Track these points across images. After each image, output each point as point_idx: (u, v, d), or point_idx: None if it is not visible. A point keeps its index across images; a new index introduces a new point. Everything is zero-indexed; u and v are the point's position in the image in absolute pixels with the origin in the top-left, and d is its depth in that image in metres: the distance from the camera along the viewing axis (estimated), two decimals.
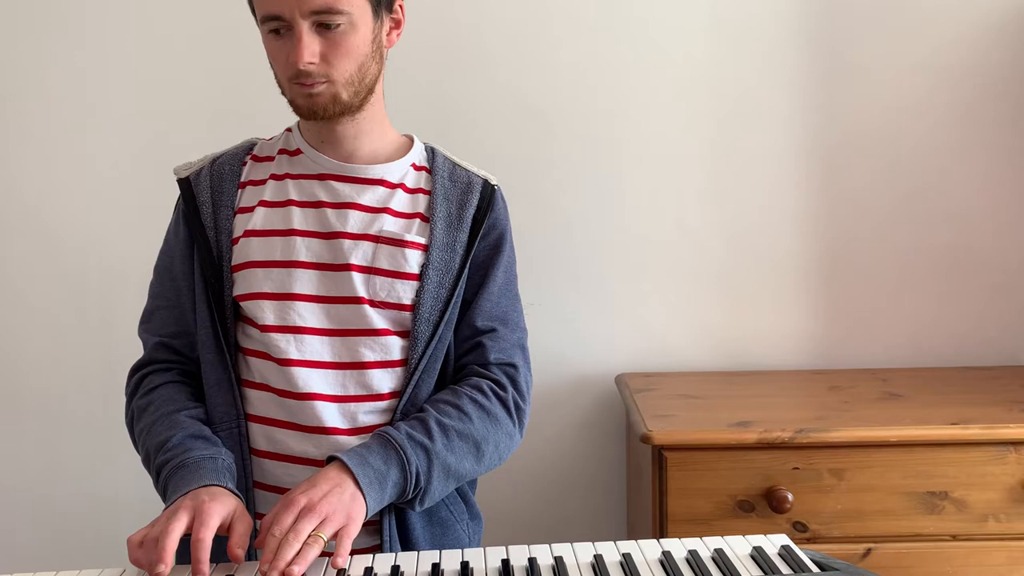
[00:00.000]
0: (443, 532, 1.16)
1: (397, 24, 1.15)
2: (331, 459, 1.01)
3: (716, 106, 1.88)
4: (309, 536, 0.92)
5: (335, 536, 0.95)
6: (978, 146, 1.88)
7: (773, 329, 1.92)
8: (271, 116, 1.36)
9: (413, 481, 1.03)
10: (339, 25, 1.05)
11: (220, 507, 0.95)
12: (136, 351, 1.22)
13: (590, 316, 1.91)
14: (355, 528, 0.96)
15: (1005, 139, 1.88)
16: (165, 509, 0.97)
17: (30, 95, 1.87)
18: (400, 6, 1.14)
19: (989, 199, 1.89)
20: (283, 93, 1.13)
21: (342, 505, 0.96)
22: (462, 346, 1.18)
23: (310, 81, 1.07)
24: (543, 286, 1.90)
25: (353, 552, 1.11)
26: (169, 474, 1.02)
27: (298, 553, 0.90)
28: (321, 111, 1.10)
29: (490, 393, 1.13)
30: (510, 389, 1.15)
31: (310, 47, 1.04)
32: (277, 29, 1.06)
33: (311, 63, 1.05)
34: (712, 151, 1.89)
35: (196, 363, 1.17)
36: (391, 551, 1.09)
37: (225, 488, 0.99)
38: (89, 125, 1.88)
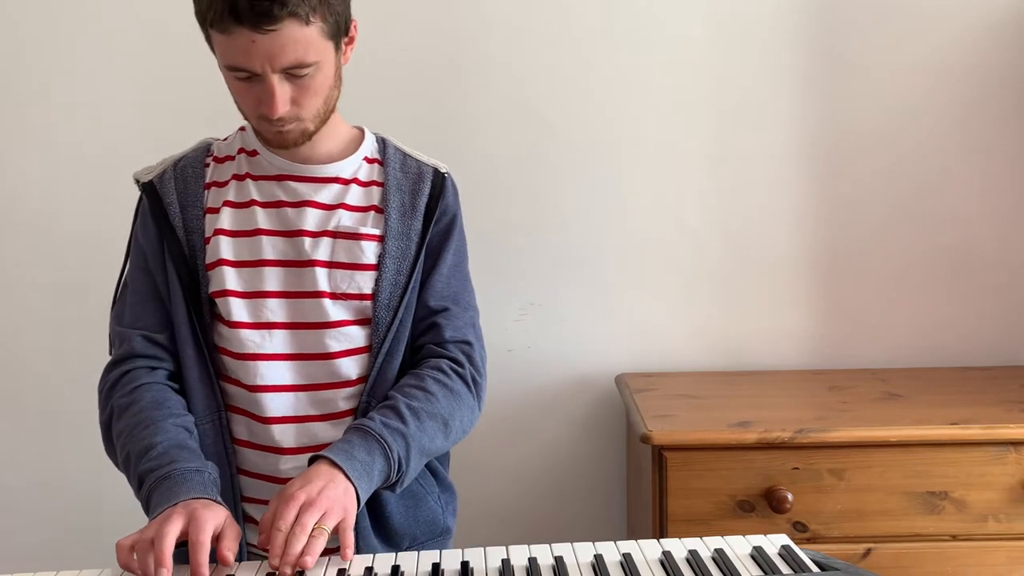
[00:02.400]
0: (415, 504, 1.20)
1: (351, 40, 1.16)
2: (316, 458, 1.03)
3: (716, 106, 1.88)
4: (313, 529, 0.94)
5: (336, 530, 0.97)
6: (978, 146, 1.88)
7: (773, 329, 1.92)
8: None
9: (396, 467, 1.06)
10: (307, 72, 1.06)
11: (213, 514, 0.96)
12: None
13: (590, 316, 1.91)
14: (352, 519, 0.99)
15: (1005, 139, 1.88)
16: (154, 518, 0.97)
17: (30, 94, 1.87)
18: (354, 25, 1.15)
19: (989, 199, 1.89)
20: (246, 119, 1.15)
21: (338, 499, 0.98)
22: (418, 326, 1.21)
23: (281, 123, 1.10)
24: (543, 286, 1.90)
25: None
26: (154, 484, 1.02)
27: (306, 545, 0.92)
28: (291, 144, 1.14)
29: (449, 371, 1.17)
30: (467, 365, 1.19)
31: (283, 97, 1.06)
32: (245, 77, 1.06)
33: (284, 111, 1.07)
34: (712, 151, 1.89)
35: (178, 358, 1.17)
36: (359, 527, 1.12)
37: (214, 501, 1.00)
38: (89, 124, 1.88)
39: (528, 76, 1.87)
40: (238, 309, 1.14)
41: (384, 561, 0.98)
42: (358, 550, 1.10)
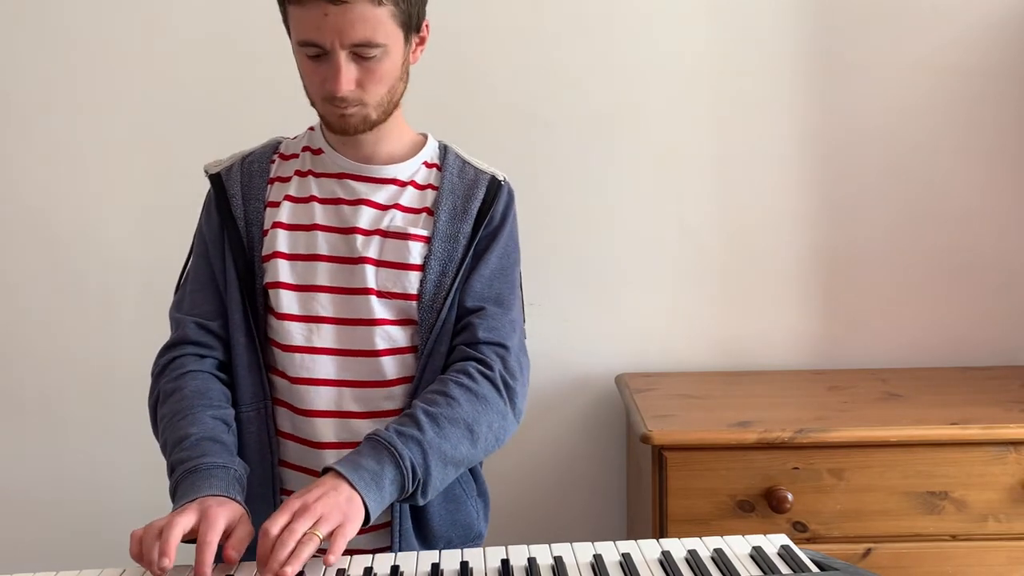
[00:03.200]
0: (456, 508, 1.20)
1: (422, 41, 1.19)
2: (325, 471, 1.02)
3: (716, 106, 1.88)
4: (304, 535, 0.92)
5: (331, 535, 0.95)
6: (978, 146, 1.88)
7: (773, 329, 1.92)
8: (273, 118, 1.37)
9: (410, 475, 1.03)
10: (375, 54, 1.09)
11: (226, 513, 0.96)
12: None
13: (590, 316, 1.91)
14: (351, 528, 0.96)
15: (1006, 139, 1.88)
16: (172, 511, 0.98)
17: (31, 95, 1.87)
18: (426, 25, 1.18)
19: (989, 199, 1.89)
20: (313, 105, 1.17)
21: (338, 505, 0.96)
22: (455, 327, 1.19)
23: (344, 105, 1.11)
24: (543, 286, 1.90)
25: (367, 530, 1.12)
26: (181, 476, 1.03)
27: (293, 552, 0.91)
28: (352, 130, 1.15)
29: (476, 374, 1.13)
30: (497, 367, 1.15)
31: (348, 75, 1.09)
32: (315, 54, 1.09)
33: (349, 90, 1.10)
34: (712, 151, 1.89)
35: (229, 346, 1.19)
36: (400, 528, 1.13)
37: (233, 499, 1.00)
38: (90, 126, 1.88)
39: (528, 76, 1.87)
40: (288, 301, 1.16)
41: (383, 561, 0.98)
42: (399, 550, 1.11)
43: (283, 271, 1.16)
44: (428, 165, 1.24)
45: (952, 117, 1.88)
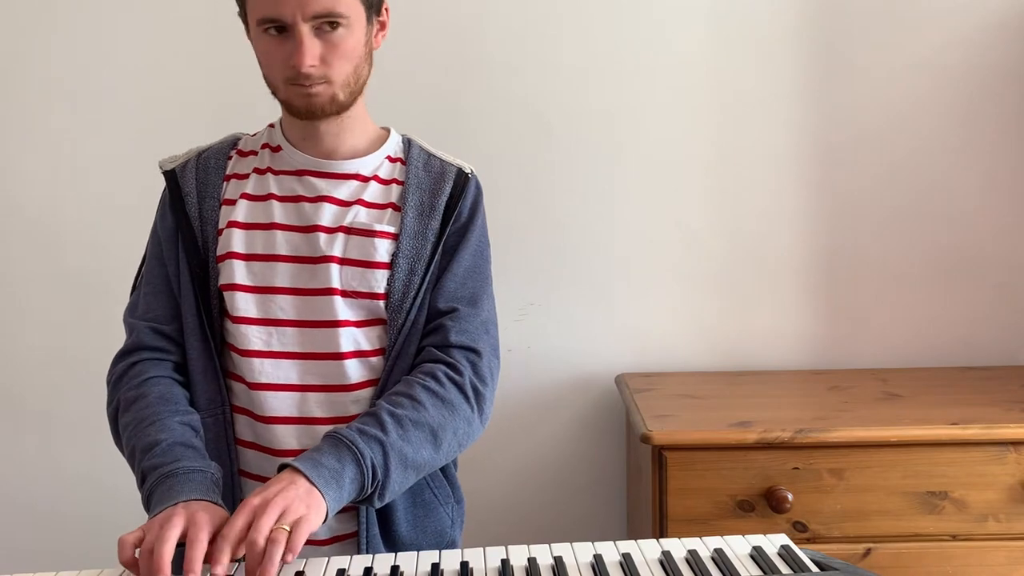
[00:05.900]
0: (425, 514, 1.16)
1: (383, 26, 1.17)
2: (282, 468, 0.99)
3: (716, 106, 1.88)
4: (271, 532, 0.90)
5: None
6: (978, 146, 1.88)
7: (773, 329, 1.92)
8: (270, 114, 1.36)
9: (370, 475, 1.01)
10: (338, 28, 1.07)
11: (212, 517, 0.95)
12: None
13: (590, 316, 1.91)
14: (316, 519, 0.94)
15: (1005, 139, 1.88)
16: (155, 516, 0.97)
17: (31, 95, 1.87)
18: (386, 8, 1.17)
19: (989, 199, 1.89)
20: (274, 94, 1.14)
21: (299, 497, 0.93)
22: (425, 327, 1.16)
23: (309, 83, 1.08)
24: (543, 286, 1.90)
25: (333, 540, 1.12)
26: (156, 482, 1.01)
27: (264, 554, 0.88)
28: (319, 111, 1.12)
29: (444, 379, 1.11)
30: (467, 373, 1.12)
31: (312, 50, 1.06)
32: (275, 30, 1.07)
33: (313, 65, 1.07)
34: (712, 151, 1.89)
35: (184, 350, 1.17)
36: (367, 535, 1.10)
37: (214, 503, 0.99)
38: (89, 125, 1.88)
39: (528, 76, 1.87)
40: (245, 304, 1.13)
41: (383, 561, 0.98)
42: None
43: (239, 272, 1.13)
44: (391, 159, 1.21)
45: (952, 117, 1.88)
